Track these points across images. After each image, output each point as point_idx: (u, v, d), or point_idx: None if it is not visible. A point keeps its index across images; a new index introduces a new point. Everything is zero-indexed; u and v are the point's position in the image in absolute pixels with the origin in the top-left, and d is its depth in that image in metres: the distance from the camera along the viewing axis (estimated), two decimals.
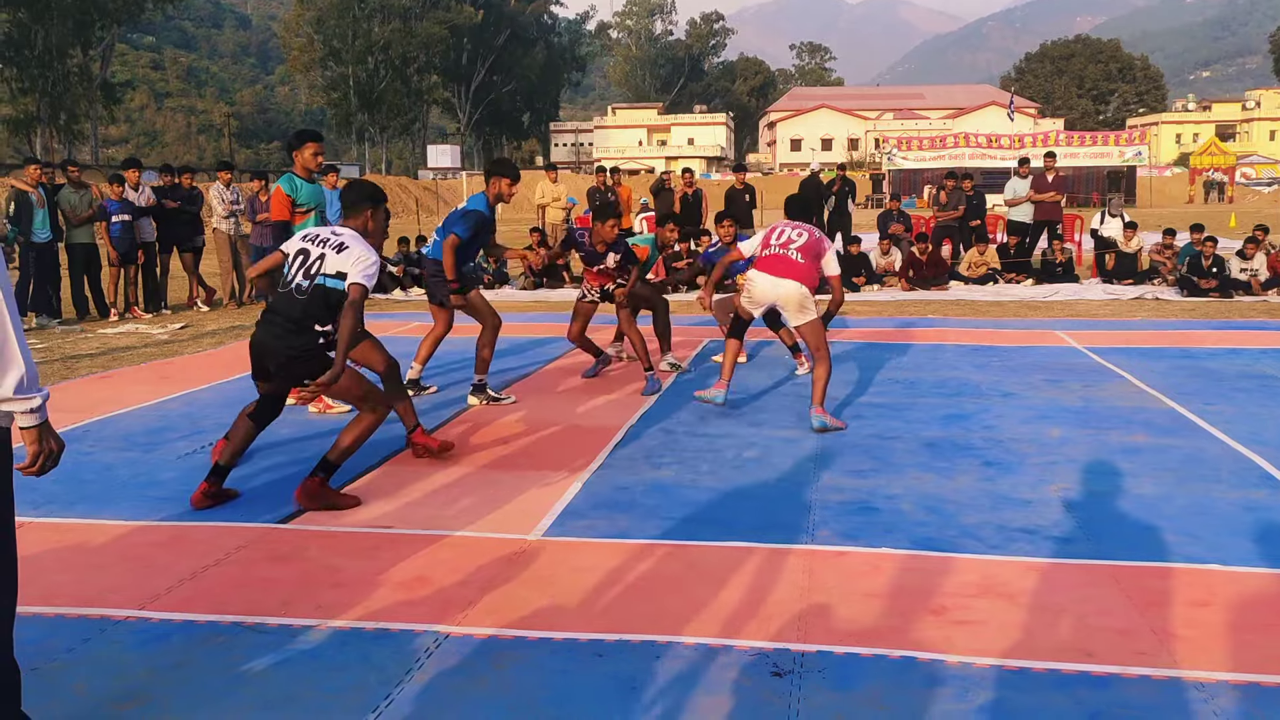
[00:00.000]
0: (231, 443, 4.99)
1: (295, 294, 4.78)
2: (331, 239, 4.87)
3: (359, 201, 5.12)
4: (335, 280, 4.74)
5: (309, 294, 4.75)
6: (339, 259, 4.78)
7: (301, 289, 4.77)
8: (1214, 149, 60.11)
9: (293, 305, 4.78)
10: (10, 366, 2.34)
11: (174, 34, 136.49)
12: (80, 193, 12.38)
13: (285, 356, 4.75)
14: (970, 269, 15.40)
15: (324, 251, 4.82)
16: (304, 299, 4.76)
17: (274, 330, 4.79)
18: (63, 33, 53.77)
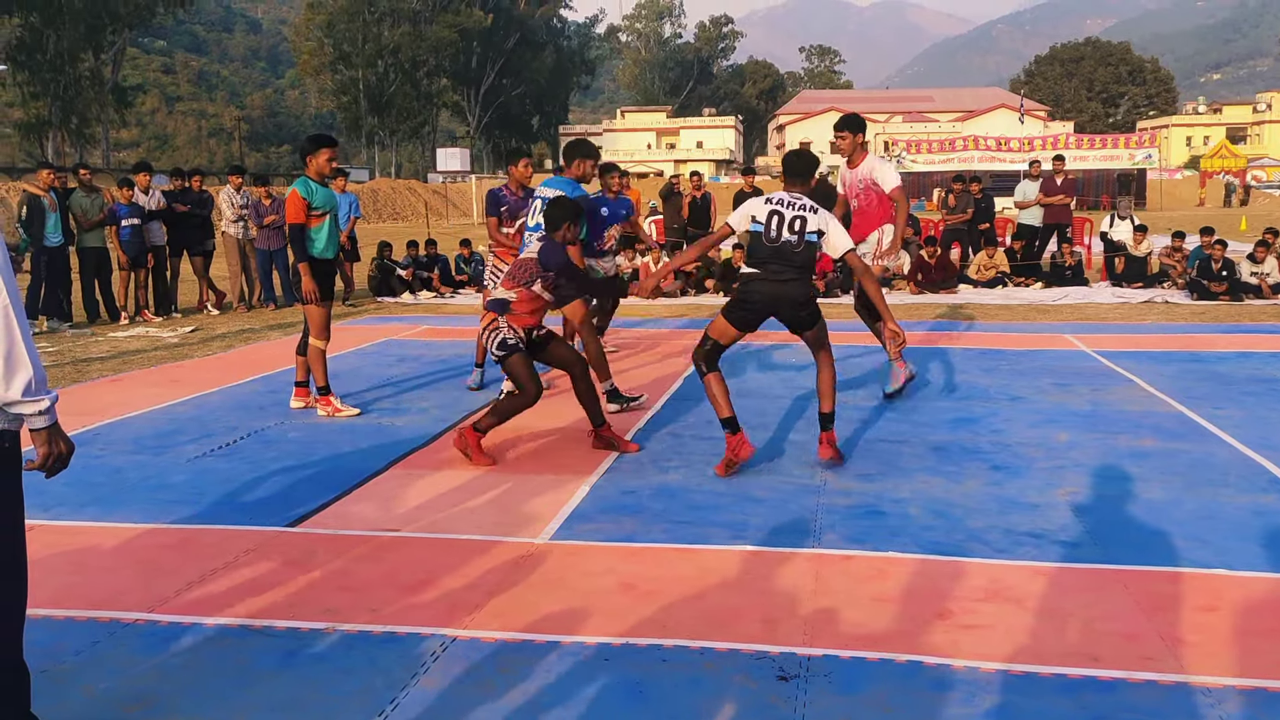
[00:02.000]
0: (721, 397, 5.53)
1: (793, 248, 5.44)
2: (800, 202, 5.51)
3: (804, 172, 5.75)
4: (815, 236, 5.46)
5: (803, 248, 5.44)
6: (816, 219, 5.46)
7: (796, 244, 5.43)
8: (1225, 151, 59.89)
9: (795, 258, 5.45)
10: (19, 369, 2.36)
11: (185, 38, 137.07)
12: (91, 197, 12.45)
13: (804, 298, 5.52)
14: (979, 272, 15.38)
15: (803, 214, 5.46)
16: (801, 252, 5.44)
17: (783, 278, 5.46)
18: (74, 37, 54.04)
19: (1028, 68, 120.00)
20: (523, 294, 5.84)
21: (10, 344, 2.34)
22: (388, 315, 13.21)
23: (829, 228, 5.48)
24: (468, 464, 5.78)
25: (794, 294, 5.48)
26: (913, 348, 9.74)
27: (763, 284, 5.48)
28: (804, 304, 5.53)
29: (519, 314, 5.85)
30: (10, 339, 2.34)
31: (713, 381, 5.56)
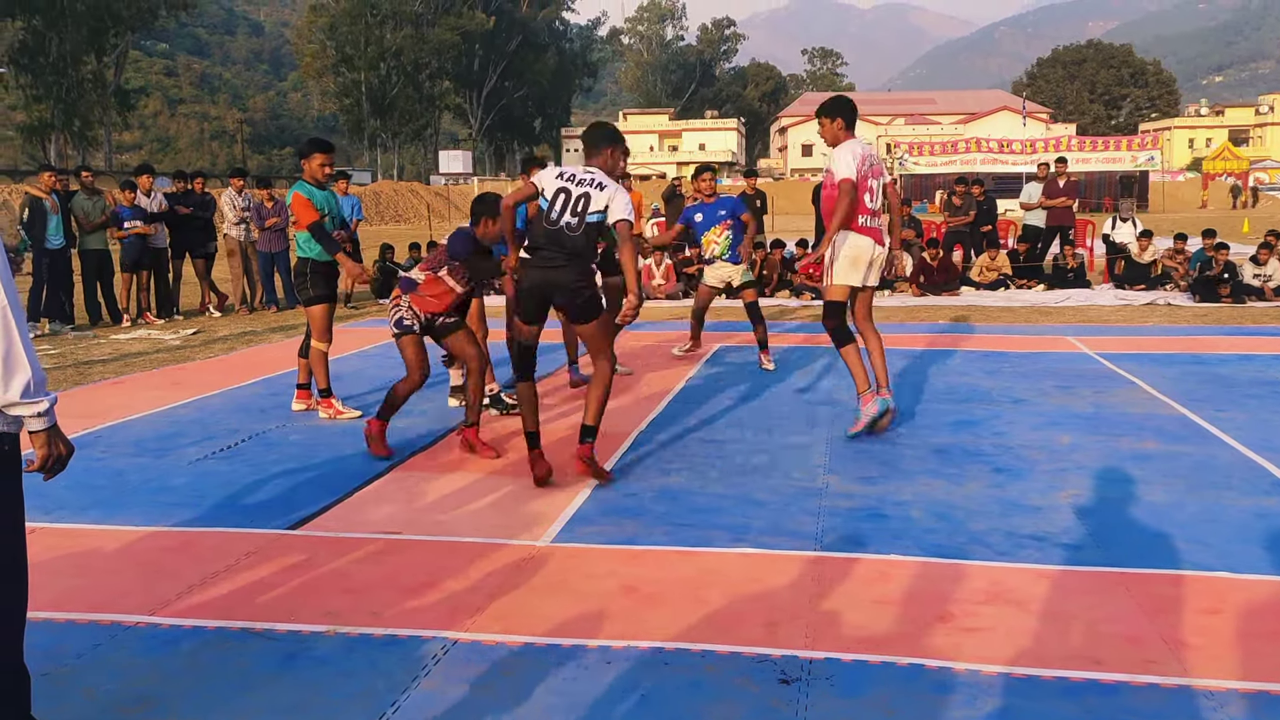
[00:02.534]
0: (528, 408, 5.41)
1: (568, 231, 5.18)
2: (591, 179, 5.25)
3: (599, 141, 5.40)
4: (599, 215, 5.18)
5: (580, 231, 5.18)
6: (600, 195, 5.19)
7: (573, 227, 5.18)
8: (1227, 154, 59.90)
9: (568, 241, 5.19)
10: (17, 371, 2.36)
11: (187, 41, 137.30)
12: (94, 199, 12.46)
13: (573, 282, 5.21)
14: (981, 274, 15.37)
15: (588, 191, 5.21)
16: (577, 235, 5.18)
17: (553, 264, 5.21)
18: (77, 40, 54.16)
19: (1030, 70, 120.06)
20: (429, 279, 6.01)
21: (9, 345, 2.34)
22: (385, 318, 13.18)
23: (614, 201, 5.17)
24: (467, 466, 5.78)
25: (563, 280, 5.22)
26: (915, 350, 9.75)
27: (533, 270, 5.28)
28: (576, 290, 5.24)
29: (423, 296, 6.01)
30: (9, 341, 2.34)
31: (522, 391, 5.43)
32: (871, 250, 6.30)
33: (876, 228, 6.34)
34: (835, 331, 6.40)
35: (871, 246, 6.30)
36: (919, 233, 16.73)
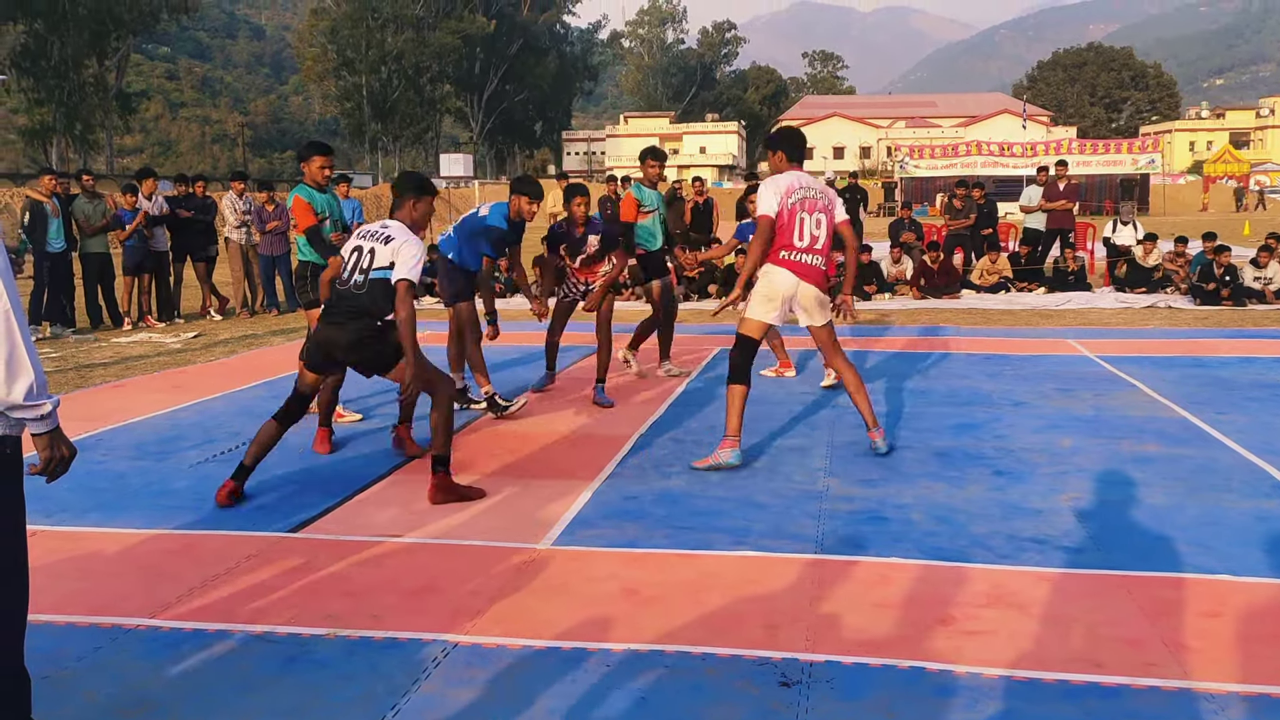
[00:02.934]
0: (258, 445, 5.20)
1: (354, 290, 5.05)
2: (380, 232, 5.10)
3: (404, 191, 5.24)
4: (385, 271, 4.97)
5: (366, 289, 5.00)
6: (385, 250, 5.00)
7: (360, 285, 5.03)
8: (1228, 156, 59.90)
9: (354, 300, 5.05)
10: (20, 373, 2.36)
11: (189, 44, 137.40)
12: (95, 202, 12.46)
13: (350, 342, 5.04)
14: (982, 277, 15.38)
15: (374, 245, 5.05)
16: (361, 294, 5.02)
17: (335, 321, 5.10)
18: (78, 43, 54.21)
19: (1030, 73, 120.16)
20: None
21: (11, 348, 2.34)
22: None
23: (399, 255, 4.94)
24: (468, 470, 5.78)
25: (340, 339, 5.05)
26: (916, 353, 9.75)
27: (320, 327, 5.18)
28: (356, 347, 5.06)
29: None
30: (11, 343, 2.34)
31: (264, 428, 5.25)
32: (792, 287, 5.78)
33: (807, 264, 5.80)
34: (733, 366, 5.82)
35: (793, 283, 5.77)
36: (920, 236, 16.75)
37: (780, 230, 5.78)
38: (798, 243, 5.78)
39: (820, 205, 5.86)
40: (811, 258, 5.81)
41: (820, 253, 5.84)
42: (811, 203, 5.82)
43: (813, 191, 5.85)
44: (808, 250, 5.80)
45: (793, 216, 5.78)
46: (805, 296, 5.82)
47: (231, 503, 5.12)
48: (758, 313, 5.85)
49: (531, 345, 10.45)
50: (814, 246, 5.81)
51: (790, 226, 5.77)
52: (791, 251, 5.79)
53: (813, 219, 5.81)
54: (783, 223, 5.77)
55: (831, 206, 5.94)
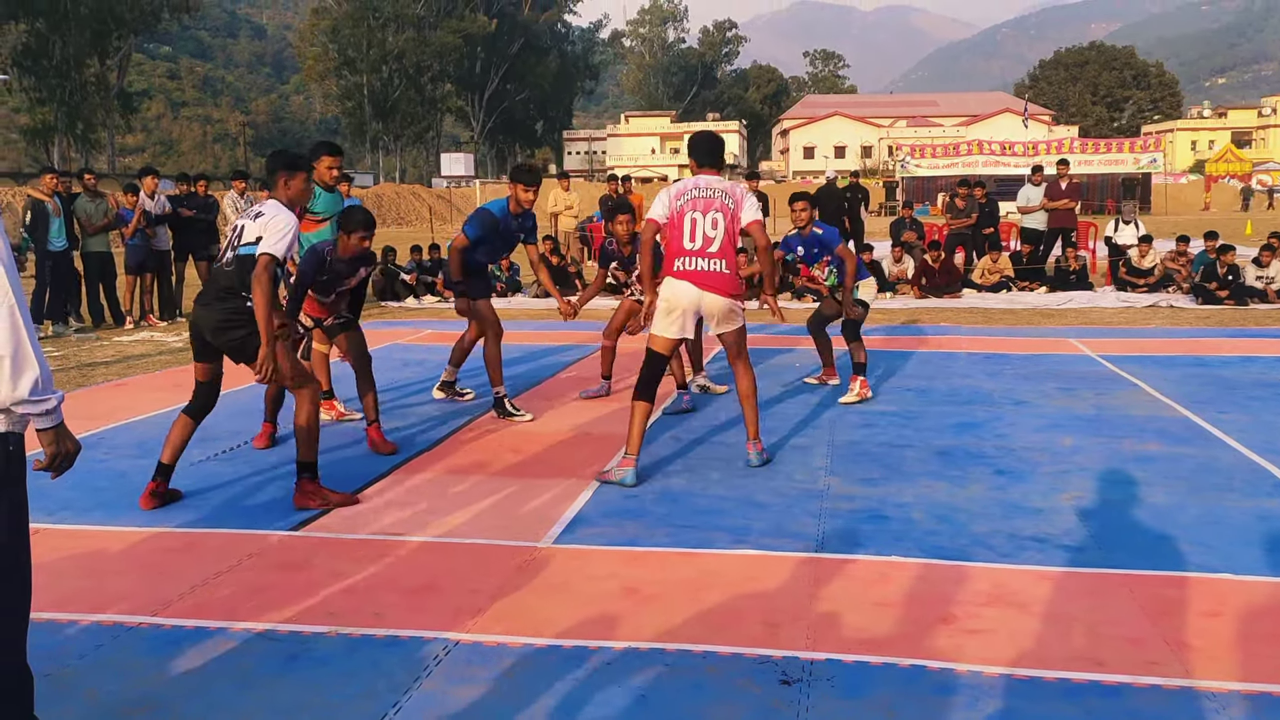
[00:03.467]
0: (171, 442, 5.13)
1: (224, 267, 4.92)
2: (254, 210, 4.99)
3: (274, 170, 5.07)
4: (251, 247, 4.82)
5: (234, 265, 4.87)
6: (254, 226, 4.86)
7: (229, 262, 4.91)
8: (1230, 156, 59.86)
9: (222, 279, 4.91)
10: (25, 369, 2.37)
11: (190, 44, 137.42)
12: (96, 201, 12.47)
13: (217, 322, 4.88)
14: (983, 276, 15.37)
15: (245, 223, 4.93)
16: (229, 270, 4.88)
17: (203, 302, 4.97)
18: (80, 43, 54.22)
19: (1032, 72, 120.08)
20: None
21: (16, 343, 2.35)
22: (391, 320, 13.22)
23: (266, 229, 4.79)
24: (469, 468, 5.79)
25: (206, 320, 4.90)
26: (917, 352, 9.75)
27: (194, 309, 5.06)
28: (221, 330, 4.88)
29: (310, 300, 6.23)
30: (16, 338, 2.34)
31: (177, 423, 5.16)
32: (694, 298, 5.46)
33: (705, 270, 5.44)
34: (639, 381, 5.55)
35: (694, 295, 5.46)
36: (921, 235, 16.74)
37: (670, 234, 5.50)
38: (688, 245, 5.45)
39: (718, 205, 5.46)
40: (708, 262, 5.44)
41: (718, 255, 5.45)
42: (706, 202, 5.46)
43: (711, 192, 5.49)
44: (700, 254, 5.44)
45: (681, 217, 5.47)
46: (711, 306, 5.51)
47: (156, 504, 5.06)
48: (660, 327, 5.56)
49: (531, 344, 10.45)
50: (707, 249, 5.44)
51: (679, 228, 5.47)
52: (685, 258, 5.46)
53: (706, 219, 5.44)
54: (673, 225, 5.49)
55: (736, 206, 5.51)
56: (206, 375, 5.17)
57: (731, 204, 5.50)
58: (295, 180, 5.06)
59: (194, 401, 5.20)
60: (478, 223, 6.96)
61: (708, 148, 5.69)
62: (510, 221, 7.02)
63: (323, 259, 6.00)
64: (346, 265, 6.08)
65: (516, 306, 14.29)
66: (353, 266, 6.14)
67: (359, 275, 6.24)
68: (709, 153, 5.68)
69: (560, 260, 15.90)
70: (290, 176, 5.05)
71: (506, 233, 7.10)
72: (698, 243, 5.44)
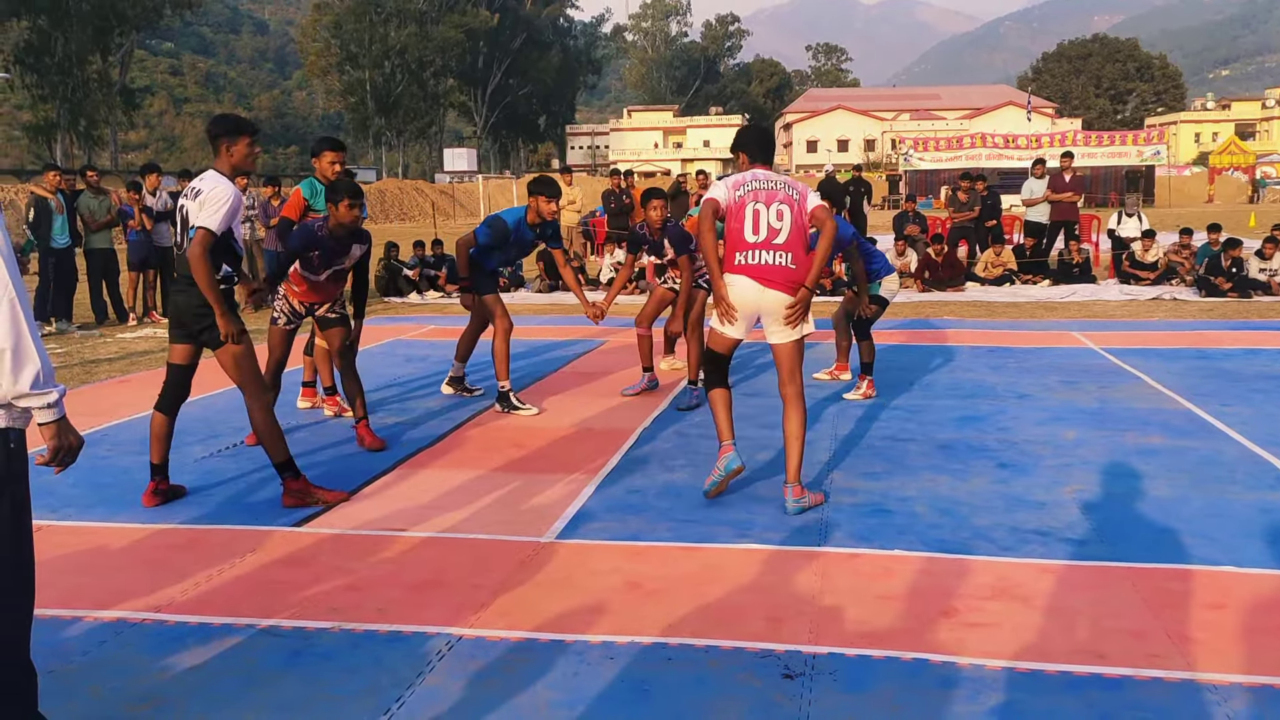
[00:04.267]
0: (156, 441, 5.12)
1: (184, 253, 4.85)
2: (194, 189, 4.85)
3: (213, 136, 4.88)
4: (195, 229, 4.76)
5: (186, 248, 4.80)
6: (195, 205, 4.76)
7: (182, 246, 4.86)
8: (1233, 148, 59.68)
9: (183, 265, 4.86)
10: (27, 362, 2.38)
11: (192, 40, 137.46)
12: (99, 198, 12.49)
13: (196, 308, 4.84)
14: (987, 270, 15.35)
15: (188, 205, 4.84)
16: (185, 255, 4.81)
17: (180, 288, 4.95)
18: (82, 39, 54.22)
19: (1035, 65, 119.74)
20: (294, 272, 6.12)
21: (18, 337, 2.35)
22: (394, 315, 13.22)
23: (203, 204, 4.69)
24: (472, 463, 5.79)
25: (188, 304, 4.86)
26: (920, 345, 9.74)
27: (170, 295, 5.00)
28: (199, 317, 4.85)
29: (290, 285, 6.18)
30: (18, 332, 2.35)
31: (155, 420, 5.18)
32: (755, 296, 4.88)
33: (768, 264, 4.86)
34: (708, 379, 5.18)
35: (755, 292, 4.88)
36: (924, 228, 16.72)
37: (730, 226, 5.00)
38: (750, 237, 4.91)
39: (782, 196, 4.95)
40: (772, 255, 4.87)
41: (784, 248, 4.87)
42: (769, 194, 4.96)
43: (773, 184, 5.00)
44: (765, 246, 4.88)
45: (741, 208, 4.94)
46: (772, 304, 4.88)
47: (159, 501, 5.06)
48: (718, 324, 5.06)
49: (535, 339, 10.46)
50: (772, 241, 4.88)
51: (740, 219, 4.95)
52: (747, 251, 4.90)
53: (771, 210, 4.91)
54: (733, 217, 4.98)
55: (802, 199, 4.99)
56: (185, 358, 5.12)
57: (796, 196, 4.98)
58: (238, 146, 4.83)
59: (164, 395, 5.19)
60: (489, 231, 7.02)
61: (761, 142, 5.23)
62: (526, 231, 7.10)
63: (313, 234, 5.96)
64: (339, 242, 6.04)
65: (520, 301, 14.29)
66: (346, 244, 6.08)
67: (353, 255, 6.18)
68: (762, 147, 5.21)
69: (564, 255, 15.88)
70: (232, 142, 4.82)
71: (520, 242, 7.16)
72: (762, 234, 4.88)
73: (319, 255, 6.01)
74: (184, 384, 5.19)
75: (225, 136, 4.83)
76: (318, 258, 6.02)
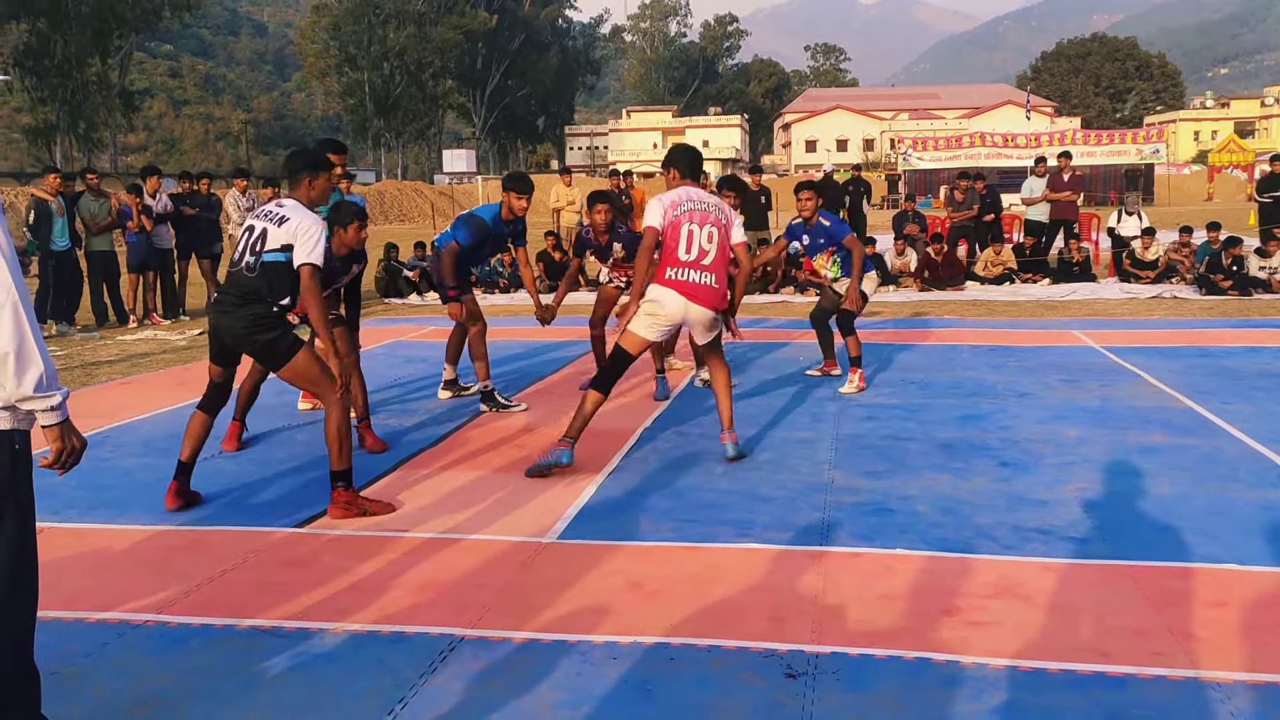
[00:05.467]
0: (190, 439, 5.08)
1: (246, 272, 4.82)
2: (275, 212, 4.87)
3: (297, 170, 4.99)
4: (279, 254, 4.74)
5: (258, 271, 4.78)
6: (279, 232, 4.76)
7: (251, 267, 4.81)
8: (1233, 146, 59.68)
9: (245, 283, 4.82)
10: (30, 365, 2.38)
11: (191, 42, 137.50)
12: (99, 201, 12.49)
13: (242, 329, 4.80)
14: (986, 269, 15.35)
15: (266, 226, 4.83)
16: (253, 276, 4.79)
17: (224, 308, 4.88)
18: (81, 42, 54.24)
19: (1034, 64, 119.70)
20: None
21: (20, 340, 2.36)
22: (394, 317, 13.23)
23: (299, 238, 4.72)
24: (474, 464, 5.79)
25: (232, 326, 4.83)
26: (921, 344, 9.74)
27: (213, 315, 5.02)
28: (247, 338, 4.82)
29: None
30: (20, 335, 2.35)
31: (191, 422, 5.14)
32: (680, 310, 5.49)
33: (695, 282, 5.48)
34: (599, 374, 5.66)
35: (680, 306, 5.48)
36: (923, 228, 16.72)
37: (665, 243, 5.53)
38: (683, 256, 5.48)
39: (713, 219, 5.56)
40: (699, 274, 5.48)
41: (711, 269, 5.50)
42: (702, 215, 5.55)
43: (705, 205, 5.59)
44: (695, 265, 5.48)
45: (677, 228, 5.51)
46: (696, 317, 5.55)
47: (181, 503, 5.02)
48: (639, 327, 5.53)
49: (533, 340, 10.46)
50: (701, 261, 5.49)
51: (675, 239, 5.50)
52: (678, 269, 5.48)
53: (703, 232, 5.51)
54: (668, 236, 5.52)
55: (729, 224, 5.66)
56: (221, 376, 5.14)
57: (724, 221, 5.64)
58: (319, 181, 5.00)
59: (208, 397, 5.17)
60: (471, 230, 6.97)
61: (692, 161, 5.77)
62: (501, 227, 7.09)
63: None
64: (343, 262, 6.03)
65: (520, 302, 14.28)
66: (346, 264, 6.09)
67: (351, 272, 6.20)
68: (691, 165, 5.77)
69: (563, 255, 15.91)
70: (314, 177, 4.98)
71: (497, 238, 7.17)
72: (693, 254, 5.50)
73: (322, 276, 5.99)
74: (226, 394, 5.22)
75: (309, 171, 4.97)
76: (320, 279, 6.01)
